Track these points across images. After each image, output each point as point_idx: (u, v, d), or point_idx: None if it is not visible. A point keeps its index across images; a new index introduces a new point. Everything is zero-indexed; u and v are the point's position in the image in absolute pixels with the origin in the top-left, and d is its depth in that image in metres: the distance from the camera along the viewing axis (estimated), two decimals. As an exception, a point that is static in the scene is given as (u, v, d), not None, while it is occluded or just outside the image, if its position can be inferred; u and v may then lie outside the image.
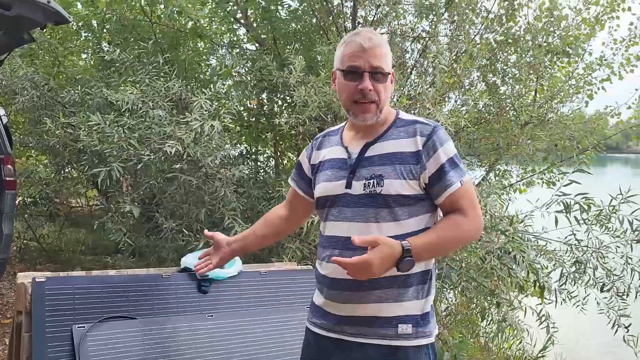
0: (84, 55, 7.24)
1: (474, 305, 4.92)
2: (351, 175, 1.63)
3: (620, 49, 5.30)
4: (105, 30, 6.40)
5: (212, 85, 4.00)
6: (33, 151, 6.58)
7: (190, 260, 2.59)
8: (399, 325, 1.58)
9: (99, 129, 3.75)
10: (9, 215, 4.08)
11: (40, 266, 5.52)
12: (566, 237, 3.78)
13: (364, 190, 1.60)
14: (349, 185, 1.63)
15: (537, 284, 3.43)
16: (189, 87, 4.23)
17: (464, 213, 1.58)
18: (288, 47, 5.10)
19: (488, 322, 4.55)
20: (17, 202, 4.60)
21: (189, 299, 2.45)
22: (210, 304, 2.49)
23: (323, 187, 1.69)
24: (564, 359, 5.10)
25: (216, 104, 3.95)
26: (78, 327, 2.10)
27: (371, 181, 1.59)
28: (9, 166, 4.09)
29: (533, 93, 5.15)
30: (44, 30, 4.13)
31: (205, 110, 3.54)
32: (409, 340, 1.58)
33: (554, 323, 3.67)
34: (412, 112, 4.13)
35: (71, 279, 2.22)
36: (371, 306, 1.58)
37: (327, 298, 1.66)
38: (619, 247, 3.66)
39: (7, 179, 4.05)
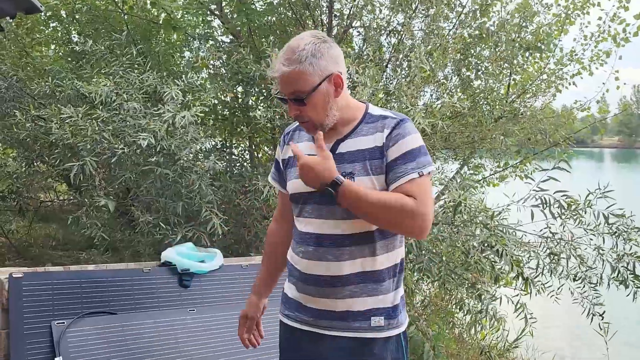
0: (52, 46, 7.04)
1: (450, 296, 5.00)
2: None
3: (589, 44, 5.43)
4: (74, 20, 6.24)
5: (184, 77, 3.94)
6: (0, 145, 6.39)
7: (171, 254, 2.57)
8: (372, 318, 1.62)
9: (71, 122, 3.66)
10: (-23, 210, 3.96)
11: (10, 262, 5.37)
12: (541, 229, 3.86)
13: None
14: None
15: (520, 276, 3.50)
16: (163, 79, 4.17)
17: (414, 200, 1.53)
18: (264, 39, 5.06)
19: (464, 314, 4.63)
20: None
21: (170, 294, 2.43)
22: (192, 298, 2.48)
23: (295, 184, 1.68)
24: (535, 348, 5.24)
25: (190, 96, 3.89)
26: (57, 324, 2.06)
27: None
28: (-23, 160, 3.97)
29: (506, 87, 5.23)
30: (13, 19, 4.00)
31: (178, 102, 3.49)
32: (381, 332, 1.63)
33: (532, 313, 3.75)
34: (388, 107, 4.16)
35: (49, 274, 2.17)
36: (345, 301, 1.61)
37: (301, 292, 1.68)
38: (591, 239, 3.76)
39: (-25, 172, 3.93)
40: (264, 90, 4.78)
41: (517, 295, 4.21)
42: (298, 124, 1.77)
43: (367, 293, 1.61)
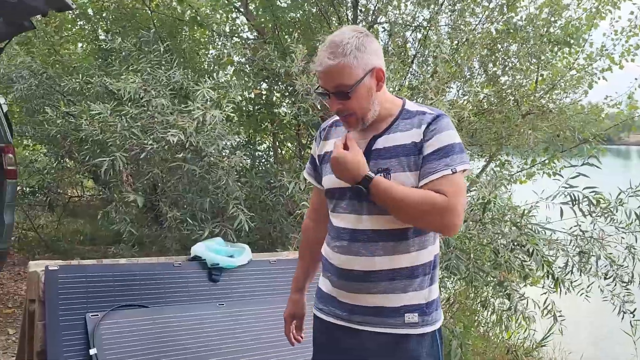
0: (80, 44, 7.16)
1: (474, 295, 4.95)
2: None
3: (620, 39, 5.31)
4: (102, 18, 6.33)
5: (214, 75, 3.97)
6: (30, 140, 6.53)
7: (200, 249, 2.59)
8: (406, 314, 1.60)
9: (100, 118, 3.71)
10: (10, 204, 4.05)
11: (39, 256, 5.49)
12: (571, 227, 3.80)
13: None
14: None
15: (550, 276, 3.44)
16: (189, 76, 4.20)
17: (445, 197, 1.50)
18: (288, 36, 5.07)
19: (490, 312, 4.58)
20: (16, 192, 4.56)
21: (200, 288, 2.45)
22: (221, 293, 2.49)
23: (330, 179, 1.67)
24: (561, 348, 5.15)
25: (216, 94, 3.93)
26: (92, 316, 2.09)
27: (379, 175, 1.57)
28: (10, 155, 4.06)
29: (534, 83, 5.15)
30: (45, 16, 4.07)
31: (208, 100, 3.51)
32: (415, 328, 1.60)
33: (560, 311, 3.69)
34: (415, 101, 4.13)
35: (83, 267, 2.21)
36: (379, 296, 1.60)
37: (335, 287, 1.67)
38: (623, 237, 3.69)
39: (8, 168, 4.02)
40: (289, 87, 4.79)
41: (546, 293, 4.15)
42: (334, 119, 1.76)
43: (401, 289, 1.60)
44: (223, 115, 3.41)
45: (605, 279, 3.72)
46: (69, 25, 6.91)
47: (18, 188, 5.52)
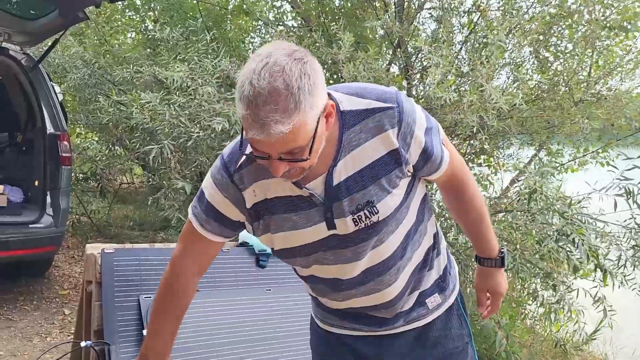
0: (129, 35, 7.35)
1: (520, 287, 4.85)
2: (329, 215, 1.25)
3: (682, 22, 5.04)
4: (150, 8, 6.47)
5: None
6: (82, 128, 6.76)
7: (248, 234, 2.63)
8: (427, 300, 1.45)
9: (150, 107, 3.80)
10: (65, 190, 4.21)
11: (92, 240, 5.69)
12: (625, 220, 3.67)
13: (357, 226, 1.26)
14: (331, 227, 1.27)
15: (598, 267, 3.33)
16: (235, 65, 4.24)
17: (463, 181, 1.43)
18: (334, 23, 5.04)
19: (537, 305, 4.48)
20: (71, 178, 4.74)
21: (248, 273, 2.49)
22: (268, 278, 2.53)
23: (295, 237, 1.29)
24: (612, 343, 5.00)
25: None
26: (145, 297, 2.15)
27: (361, 213, 1.24)
28: (65, 142, 4.21)
29: (588, 69, 4.96)
30: (99, 7, 4.18)
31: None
32: (440, 308, 1.47)
33: (611, 306, 3.58)
34: (460, 90, 4.04)
35: (137, 250, 2.27)
36: (400, 303, 1.43)
37: (351, 324, 1.47)
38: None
39: (64, 155, 4.17)
40: (334, 75, 4.77)
41: (596, 286, 4.03)
42: (232, 163, 1.27)
43: (419, 284, 1.44)
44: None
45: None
46: (119, 16, 7.10)
47: (72, 175, 5.74)
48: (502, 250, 1.54)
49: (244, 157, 1.24)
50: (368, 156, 1.22)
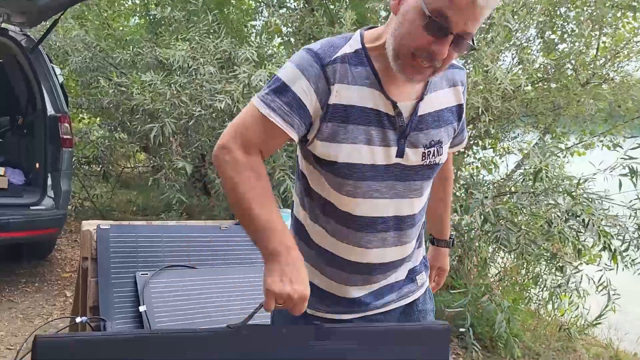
0: (133, 19, 7.29)
1: (527, 270, 4.81)
2: (402, 142, 1.25)
3: (692, 2, 4.94)
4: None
5: (257, 38, 3.94)
6: (86, 113, 6.73)
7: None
8: (417, 277, 1.48)
9: (151, 88, 3.77)
10: (66, 172, 4.19)
11: (95, 224, 5.68)
12: (630, 201, 3.61)
13: (423, 160, 1.28)
14: (400, 154, 1.26)
15: (608, 249, 3.29)
16: (236, 45, 4.20)
17: (451, 170, 1.63)
18: (337, 3, 4.98)
19: (541, 289, 4.45)
20: (72, 161, 4.72)
21: (246, 251, 2.47)
22: (267, 257, 2.51)
23: (364, 153, 1.23)
24: (617, 328, 4.97)
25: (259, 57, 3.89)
26: (141, 274, 2.14)
27: (431, 149, 1.29)
28: (66, 124, 4.18)
29: (594, 51, 4.88)
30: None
31: (252, 64, 3.50)
32: (424, 285, 1.52)
33: (615, 290, 3.54)
34: (467, 69, 3.99)
35: (134, 227, 2.25)
36: (402, 268, 1.43)
37: (353, 284, 1.39)
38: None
39: (64, 137, 4.15)
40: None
41: (601, 270, 3.99)
42: (341, 52, 1.22)
43: (412, 257, 1.44)
44: (267, 76, 3.37)
45: (668, 254, 3.53)
46: (122, 0, 7.04)
47: (74, 159, 5.72)
48: (452, 233, 1.74)
49: (340, 52, 1.21)
50: (444, 101, 1.31)
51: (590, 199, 3.26)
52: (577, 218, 3.13)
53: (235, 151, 1.20)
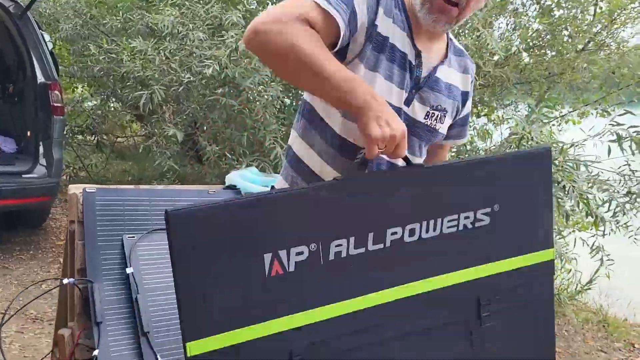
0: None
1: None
2: (413, 92, 1.29)
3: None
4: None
5: (244, 1, 3.89)
6: (78, 83, 6.68)
7: (235, 177, 2.60)
8: None
9: (141, 55, 3.74)
10: (58, 140, 4.17)
11: (89, 194, 5.69)
12: (620, 167, 3.63)
13: (425, 119, 1.32)
14: (408, 103, 1.29)
15: (590, 215, 3.31)
16: (225, 9, 4.14)
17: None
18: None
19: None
20: (65, 130, 4.71)
21: (235, 215, 2.48)
22: (255, 221, 2.52)
23: (381, 86, 1.25)
24: (608, 294, 5.03)
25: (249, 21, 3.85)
26: (129, 237, 2.15)
27: (436, 113, 1.33)
28: (57, 92, 4.15)
29: (591, 17, 4.82)
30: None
31: (240, 28, 3.46)
32: None
33: (609, 255, 3.58)
34: (461, 33, 3.95)
35: (120, 191, 2.25)
36: None
37: None
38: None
39: (55, 104, 4.12)
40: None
41: (594, 236, 4.02)
42: None
43: None
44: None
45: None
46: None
47: (67, 128, 5.70)
48: None
49: None
50: (456, 80, 1.37)
51: (576, 165, 3.27)
52: (558, 185, 3.14)
53: (272, 18, 1.09)
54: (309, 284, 1.07)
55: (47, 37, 4.40)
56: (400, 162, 1.21)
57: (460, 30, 3.90)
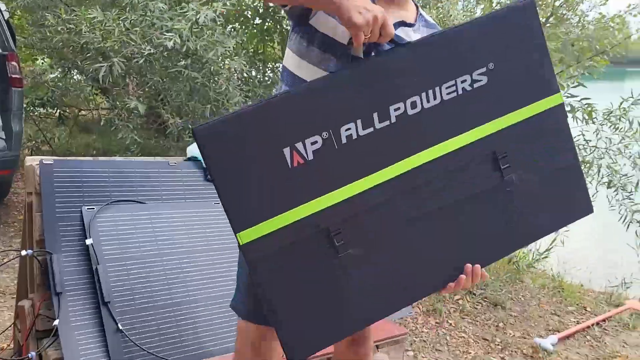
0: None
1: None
2: (372, 45, 1.32)
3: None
4: None
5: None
6: (39, 54, 6.50)
7: (196, 149, 2.61)
8: None
9: (101, 26, 3.65)
10: (17, 113, 4.09)
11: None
12: (575, 137, 3.75)
13: None
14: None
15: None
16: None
17: None
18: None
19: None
20: (25, 103, 4.60)
21: (196, 187, 2.49)
22: (216, 192, 2.54)
23: (339, 32, 1.33)
24: (566, 262, 5.23)
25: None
26: (87, 209, 2.15)
27: None
28: (14, 63, 4.05)
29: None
30: None
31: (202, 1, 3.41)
32: None
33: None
34: (425, 6, 3.97)
35: (79, 162, 2.25)
36: None
37: None
38: (626, 147, 3.64)
39: (13, 76, 4.03)
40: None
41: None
42: None
43: None
44: (217, 15, 3.30)
45: (608, 187, 3.70)
46: None
47: (28, 101, 5.57)
48: None
49: None
50: None
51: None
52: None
53: None
54: (330, 167, 1.19)
55: (2, 6, 4.27)
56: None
57: (424, 3, 3.93)
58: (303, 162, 1.17)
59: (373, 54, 1.28)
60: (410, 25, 1.39)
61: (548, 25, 4.77)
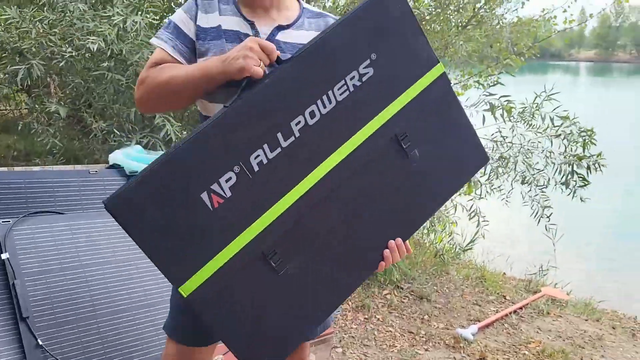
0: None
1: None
2: None
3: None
4: None
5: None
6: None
7: (118, 156, 2.57)
8: None
9: (17, 25, 3.50)
10: None
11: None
12: (492, 134, 3.95)
13: None
14: None
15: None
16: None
17: None
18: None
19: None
20: None
21: (119, 195, 2.46)
22: (141, 200, 2.52)
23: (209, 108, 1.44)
24: (489, 252, 5.51)
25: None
26: (3, 222, 2.09)
27: None
28: None
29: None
30: None
31: (129, 4, 3.34)
32: None
33: (484, 216, 3.91)
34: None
35: (-9, 174, 2.17)
36: None
37: None
38: (539, 142, 3.88)
39: None
40: None
41: (472, 199, 4.38)
42: None
43: None
44: (145, 22, 3.26)
45: (522, 183, 3.94)
46: None
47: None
48: None
49: None
50: (307, 38, 1.38)
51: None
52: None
53: (138, 84, 1.42)
54: (251, 197, 1.22)
55: None
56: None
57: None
58: (223, 201, 1.19)
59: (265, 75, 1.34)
60: (288, 26, 1.44)
61: (469, 27, 4.99)
